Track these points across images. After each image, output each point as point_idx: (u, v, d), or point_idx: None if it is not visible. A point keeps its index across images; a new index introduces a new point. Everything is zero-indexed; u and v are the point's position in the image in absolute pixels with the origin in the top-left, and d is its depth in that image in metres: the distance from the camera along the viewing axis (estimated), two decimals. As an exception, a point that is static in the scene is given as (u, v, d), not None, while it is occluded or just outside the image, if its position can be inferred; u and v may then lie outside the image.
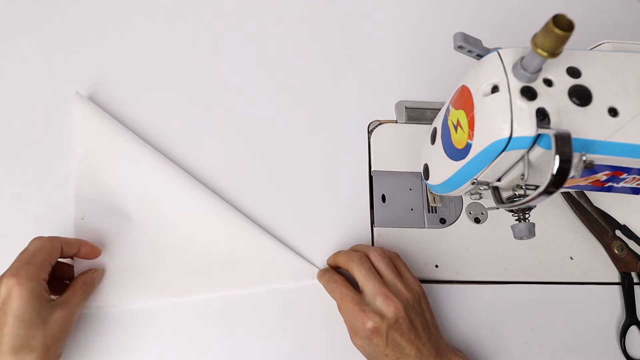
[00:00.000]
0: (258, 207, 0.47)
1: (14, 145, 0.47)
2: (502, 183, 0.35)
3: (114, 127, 0.47)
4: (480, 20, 0.57)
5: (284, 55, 0.54)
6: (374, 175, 0.49)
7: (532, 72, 0.29)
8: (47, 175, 0.46)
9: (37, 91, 0.49)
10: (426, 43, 0.56)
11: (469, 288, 0.46)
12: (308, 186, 0.48)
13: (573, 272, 0.47)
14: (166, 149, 0.48)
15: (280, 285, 0.44)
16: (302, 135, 0.50)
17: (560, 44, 0.26)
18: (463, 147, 0.34)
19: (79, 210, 0.44)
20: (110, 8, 0.54)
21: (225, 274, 0.44)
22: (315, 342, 0.43)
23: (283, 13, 0.56)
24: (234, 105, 0.51)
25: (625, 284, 0.46)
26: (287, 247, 0.45)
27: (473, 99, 0.32)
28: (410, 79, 0.54)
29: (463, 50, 0.34)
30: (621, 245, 0.47)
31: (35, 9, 0.53)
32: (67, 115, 0.48)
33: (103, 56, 0.52)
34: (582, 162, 0.30)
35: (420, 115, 0.52)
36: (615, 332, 0.46)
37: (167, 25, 0.54)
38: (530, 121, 0.29)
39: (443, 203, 0.48)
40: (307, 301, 0.44)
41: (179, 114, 0.50)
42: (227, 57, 0.53)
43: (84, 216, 0.44)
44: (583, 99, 0.30)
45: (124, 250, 0.44)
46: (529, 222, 0.37)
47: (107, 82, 0.50)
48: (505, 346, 0.44)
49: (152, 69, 0.52)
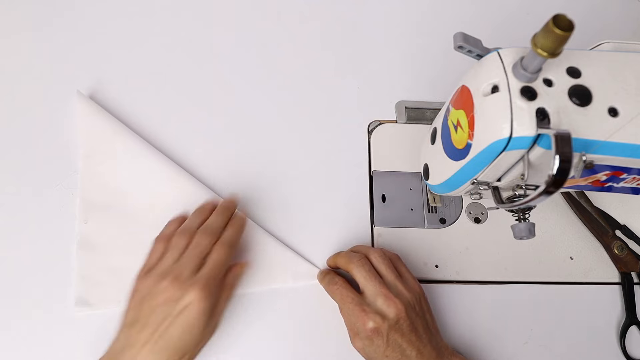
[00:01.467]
0: (258, 206, 0.47)
1: (15, 145, 0.47)
2: (502, 183, 0.35)
3: (115, 127, 0.47)
4: (480, 20, 0.57)
5: (284, 54, 0.54)
6: (374, 175, 0.49)
7: (532, 72, 0.29)
8: (47, 175, 0.46)
9: (37, 90, 0.49)
10: (426, 43, 0.56)
11: (469, 288, 0.46)
12: (308, 186, 0.48)
13: (573, 272, 0.47)
14: (167, 148, 0.48)
15: (279, 285, 0.44)
16: (302, 135, 0.50)
17: (560, 44, 0.26)
18: (463, 147, 0.34)
19: (83, 214, 0.44)
20: (110, 7, 0.54)
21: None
22: (315, 343, 0.43)
23: (283, 13, 0.56)
24: (234, 105, 0.51)
25: (625, 284, 0.46)
26: (287, 247, 0.45)
27: (473, 99, 0.32)
28: (410, 79, 0.54)
29: (463, 50, 0.34)
30: (621, 245, 0.47)
31: (35, 8, 0.53)
32: (68, 114, 0.48)
33: (104, 55, 0.52)
34: (582, 162, 0.29)
35: (420, 115, 0.52)
36: (615, 332, 0.46)
37: (168, 24, 0.54)
38: (530, 121, 0.29)
39: (443, 203, 0.48)
40: (307, 301, 0.44)
41: (180, 113, 0.50)
42: (227, 56, 0.53)
43: (87, 220, 0.44)
44: (583, 99, 0.30)
45: (127, 251, 0.44)
46: (529, 222, 0.37)
47: (108, 81, 0.50)
48: (505, 346, 0.44)
49: (153, 68, 0.52)
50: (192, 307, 0.35)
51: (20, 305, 0.42)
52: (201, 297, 0.35)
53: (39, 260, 0.43)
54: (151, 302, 0.36)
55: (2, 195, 0.45)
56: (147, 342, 0.34)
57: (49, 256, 0.44)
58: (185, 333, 0.35)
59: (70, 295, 0.42)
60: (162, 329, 0.35)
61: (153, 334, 0.34)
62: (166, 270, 0.37)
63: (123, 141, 0.47)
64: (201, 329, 0.36)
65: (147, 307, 0.36)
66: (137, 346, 0.34)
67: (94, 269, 0.43)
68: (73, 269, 0.43)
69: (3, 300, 0.42)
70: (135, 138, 0.47)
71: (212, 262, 0.38)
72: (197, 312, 0.35)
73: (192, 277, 0.36)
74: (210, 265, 0.37)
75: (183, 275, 0.36)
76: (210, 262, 0.38)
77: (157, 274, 0.37)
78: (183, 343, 0.35)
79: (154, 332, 0.35)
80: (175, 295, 0.35)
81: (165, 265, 0.38)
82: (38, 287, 0.43)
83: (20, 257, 0.44)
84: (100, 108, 0.47)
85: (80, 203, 0.45)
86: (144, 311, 0.36)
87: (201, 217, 0.41)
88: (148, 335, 0.34)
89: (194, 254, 0.38)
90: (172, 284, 0.36)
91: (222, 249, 0.39)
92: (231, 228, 0.41)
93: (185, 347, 0.35)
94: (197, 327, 0.35)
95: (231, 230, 0.41)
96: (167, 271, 0.37)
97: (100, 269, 0.43)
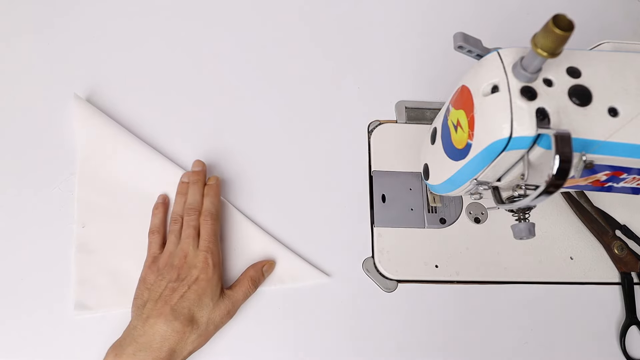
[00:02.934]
0: (258, 207, 0.47)
1: (13, 147, 0.47)
2: (502, 183, 0.35)
3: (113, 129, 0.47)
4: (480, 20, 0.57)
5: (283, 55, 0.54)
6: (374, 175, 0.49)
7: (532, 72, 0.29)
8: (46, 177, 0.46)
9: (36, 92, 0.49)
10: (426, 43, 0.56)
11: (469, 288, 0.46)
12: (308, 186, 0.48)
13: (573, 272, 0.47)
14: (165, 150, 0.48)
15: (279, 286, 0.44)
16: (302, 135, 0.50)
17: (560, 44, 0.26)
18: (463, 147, 0.34)
19: (81, 217, 0.44)
20: (109, 9, 0.54)
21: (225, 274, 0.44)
22: (315, 343, 0.43)
23: (283, 13, 0.56)
24: (233, 106, 0.51)
25: (625, 284, 0.46)
26: (287, 248, 0.45)
27: (473, 99, 0.32)
28: (410, 79, 0.54)
29: (463, 50, 0.34)
30: (621, 245, 0.47)
31: (34, 9, 0.53)
32: (65, 116, 0.48)
33: (102, 57, 0.52)
34: (582, 162, 0.29)
35: (420, 115, 0.52)
36: (615, 332, 0.46)
37: (166, 26, 0.54)
38: (530, 121, 0.29)
39: (443, 203, 0.48)
40: (306, 302, 0.44)
41: (178, 115, 0.50)
42: (226, 57, 0.53)
43: (85, 223, 0.44)
44: (583, 99, 0.30)
45: (125, 254, 0.44)
46: (529, 222, 0.37)
47: (106, 82, 0.50)
48: (505, 346, 0.44)
49: (151, 70, 0.52)
50: (200, 279, 0.39)
51: (19, 307, 0.42)
52: (206, 268, 0.40)
53: (38, 262, 0.43)
54: (162, 282, 0.39)
55: (2, 196, 0.45)
56: (162, 314, 0.37)
57: (47, 258, 0.44)
58: (197, 303, 0.38)
59: (69, 296, 0.42)
60: (175, 301, 0.38)
61: (165, 307, 0.38)
62: (173, 253, 0.41)
63: (121, 143, 0.46)
64: (212, 300, 0.39)
65: (158, 287, 0.39)
66: (152, 318, 0.37)
67: (92, 273, 0.43)
68: (72, 272, 0.43)
69: (2, 301, 0.42)
70: (133, 140, 0.47)
71: (205, 235, 0.42)
72: (205, 282, 0.39)
73: (196, 252, 0.41)
74: (204, 241, 0.41)
75: (189, 253, 0.41)
76: (204, 235, 0.42)
77: (166, 257, 0.41)
78: (196, 313, 0.38)
79: (166, 304, 0.38)
80: (185, 272, 0.40)
81: (170, 249, 0.42)
82: (37, 289, 0.43)
83: (19, 259, 0.44)
84: (97, 110, 0.47)
85: (78, 206, 0.45)
86: (156, 291, 0.39)
87: (183, 199, 0.45)
88: (162, 308, 0.38)
89: (189, 233, 0.42)
90: (181, 262, 0.40)
91: (208, 221, 0.42)
92: (207, 198, 0.44)
93: (198, 317, 0.38)
94: (208, 297, 0.39)
95: (207, 201, 0.44)
96: (174, 253, 0.41)
97: (98, 272, 0.43)
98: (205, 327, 0.39)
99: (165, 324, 0.37)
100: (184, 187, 0.45)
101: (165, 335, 0.37)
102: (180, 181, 0.46)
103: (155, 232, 0.44)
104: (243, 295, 0.42)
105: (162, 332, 0.37)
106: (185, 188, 0.45)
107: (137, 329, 0.37)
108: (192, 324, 0.38)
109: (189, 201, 0.44)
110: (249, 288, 0.42)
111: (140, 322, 0.38)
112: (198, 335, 0.38)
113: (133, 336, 0.37)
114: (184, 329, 0.37)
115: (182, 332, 0.37)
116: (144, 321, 0.38)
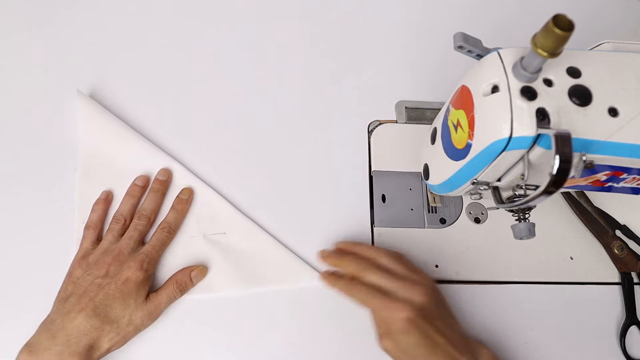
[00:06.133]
0: (258, 207, 0.47)
1: (15, 145, 0.47)
2: (502, 183, 0.35)
3: (116, 127, 0.47)
4: (480, 20, 0.57)
5: (283, 55, 0.54)
6: (374, 175, 0.49)
7: (532, 72, 0.29)
8: (47, 175, 0.46)
9: (37, 90, 0.49)
10: (426, 43, 0.56)
11: (469, 288, 0.46)
12: (308, 186, 0.48)
13: (573, 272, 0.47)
14: (167, 147, 0.48)
15: (279, 286, 0.44)
16: (302, 135, 0.50)
17: (560, 44, 0.26)
18: (463, 147, 0.34)
19: (82, 213, 0.44)
20: (111, 7, 0.54)
21: (224, 274, 0.44)
22: (314, 344, 0.43)
23: (283, 13, 0.56)
24: (234, 105, 0.51)
25: (625, 284, 0.46)
26: (286, 248, 0.45)
27: (473, 99, 0.32)
28: (410, 79, 0.54)
29: (463, 50, 0.34)
30: (621, 245, 0.47)
31: (36, 7, 0.53)
32: (67, 114, 0.48)
33: (104, 55, 0.52)
34: (582, 162, 0.29)
35: (420, 115, 0.52)
36: (615, 332, 0.46)
37: (168, 24, 0.54)
38: (530, 121, 0.29)
39: (443, 203, 0.48)
40: (306, 302, 0.44)
41: (180, 113, 0.50)
42: (227, 56, 0.53)
43: (86, 220, 0.44)
44: (583, 99, 0.30)
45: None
46: (529, 222, 0.37)
47: (109, 81, 0.50)
48: (505, 346, 0.44)
49: (154, 68, 0.52)
50: (130, 280, 0.39)
51: (19, 307, 0.42)
52: (138, 271, 0.39)
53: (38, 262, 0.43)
54: (88, 277, 0.39)
55: (2, 196, 0.45)
56: (83, 310, 0.37)
57: (48, 258, 0.44)
58: (120, 303, 0.38)
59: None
60: (99, 298, 0.38)
61: (89, 303, 0.38)
62: (107, 250, 0.41)
63: (123, 140, 0.46)
64: (136, 302, 0.39)
65: (83, 282, 0.39)
66: (73, 313, 0.37)
67: None
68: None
69: (2, 301, 0.42)
70: (136, 137, 0.47)
71: (155, 242, 0.42)
72: (134, 284, 0.39)
73: (134, 254, 0.40)
74: (149, 246, 0.41)
75: (124, 253, 0.40)
76: (154, 243, 0.42)
77: (98, 254, 0.41)
78: (117, 312, 0.38)
79: (90, 300, 0.38)
80: (114, 270, 0.39)
81: (105, 246, 0.41)
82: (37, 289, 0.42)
83: (20, 257, 0.44)
84: (101, 107, 0.47)
85: (79, 202, 0.45)
86: (81, 285, 0.39)
87: (132, 201, 0.44)
88: (84, 304, 0.38)
89: (132, 235, 0.42)
90: (114, 260, 0.40)
91: (164, 231, 0.43)
92: (173, 211, 0.44)
93: (119, 317, 0.38)
94: (132, 298, 0.39)
95: (173, 213, 0.44)
96: (108, 250, 0.41)
97: None
98: (125, 327, 0.39)
99: (85, 319, 0.37)
100: (135, 189, 0.45)
101: (84, 331, 0.37)
102: (133, 183, 0.45)
103: (91, 228, 0.43)
104: (167, 298, 0.41)
105: (81, 327, 0.37)
106: (136, 191, 0.44)
107: (56, 323, 0.37)
108: (112, 322, 0.38)
109: (143, 206, 0.44)
110: (174, 292, 0.41)
111: (60, 316, 0.38)
112: (116, 334, 0.38)
113: (50, 330, 0.37)
114: (102, 326, 0.37)
115: (100, 329, 0.37)
116: (64, 315, 0.38)
